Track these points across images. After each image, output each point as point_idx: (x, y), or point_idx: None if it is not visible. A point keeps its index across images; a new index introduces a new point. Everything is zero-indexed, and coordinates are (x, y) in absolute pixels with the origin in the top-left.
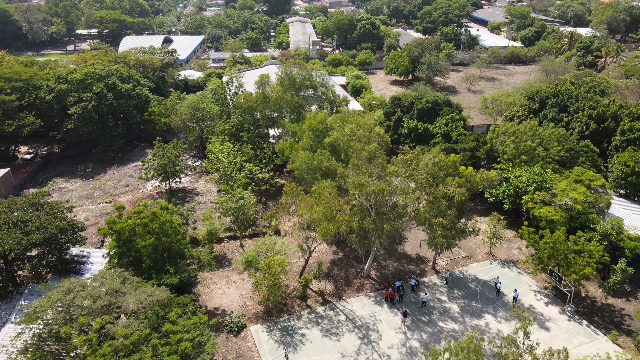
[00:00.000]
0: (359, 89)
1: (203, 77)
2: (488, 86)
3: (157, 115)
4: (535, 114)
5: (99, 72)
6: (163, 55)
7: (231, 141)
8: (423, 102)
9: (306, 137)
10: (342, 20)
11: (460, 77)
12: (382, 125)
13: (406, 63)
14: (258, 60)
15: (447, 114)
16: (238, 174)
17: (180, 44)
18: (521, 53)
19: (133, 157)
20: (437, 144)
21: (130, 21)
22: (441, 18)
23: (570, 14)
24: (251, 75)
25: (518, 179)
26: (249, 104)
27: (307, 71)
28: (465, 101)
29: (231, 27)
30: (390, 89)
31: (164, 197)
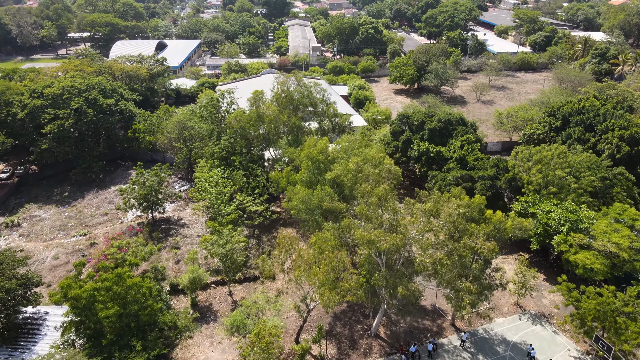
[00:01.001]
0: (362, 100)
1: (196, 86)
2: (499, 96)
3: (141, 133)
4: (558, 133)
5: (78, 85)
6: (152, 64)
7: (221, 166)
8: (435, 121)
9: (304, 167)
10: (344, 24)
11: (468, 85)
12: (389, 145)
13: (412, 72)
14: (255, 68)
15: (462, 134)
16: (227, 207)
17: (174, 49)
18: (532, 60)
19: (115, 179)
20: (452, 169)
21: (123, 25)
22: (447, 22)
23: (580, 17)
24: (246, 86)
25: (547, 215)
26: (240, 124)
27: (305, 87)
28: (476, 113)
29: (228, 31)
30: (395, 98)
31: (145, 230)
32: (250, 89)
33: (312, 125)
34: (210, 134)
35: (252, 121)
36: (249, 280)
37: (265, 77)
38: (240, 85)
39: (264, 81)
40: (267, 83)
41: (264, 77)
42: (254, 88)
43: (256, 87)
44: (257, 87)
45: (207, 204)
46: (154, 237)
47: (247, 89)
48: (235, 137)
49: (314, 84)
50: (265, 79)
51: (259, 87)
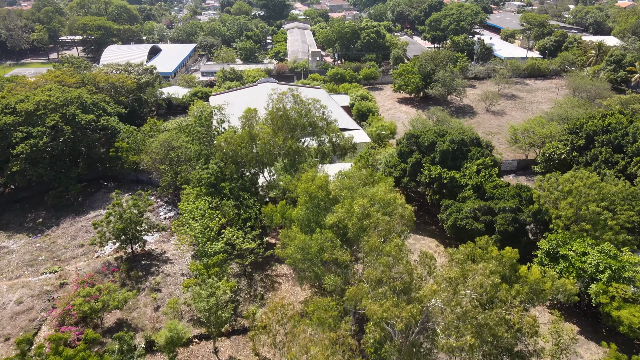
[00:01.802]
0: (365, 112)
1: (189, 95)
2: (509, 106)
3: (124, 152)
4: (581, 153)
5: (55, 100)
6: (140, 73)
7: (209, 194)
8: (447, 142)
9: (302, 202)
10: (344, 29)
11: (476, 94)
12: (395, 168)
13: (417, 80)
14: (251, 76)
15: (477, 156)
16: (214, 245)
17: (168, 53)
18: (542, 66)
19: (95, 203)
20: (468, 199)
21: (116, 28)
22: (452, 26)
23: (589, 20)
24: (241, 97)
25: (582, 258)
26: (231, 147)
27: (303, 105)
28: (486, 125)
29: (225, 35)
30: (399, 108)
31: (122, 268)
32: (246, 100)
33: (311, 143)
34: (198, 156)
35: (244, 143)
36: (237, 333)
37: (262, 87)
38: (235, 95)
39: (260, 91)
40: (263, 94)
41: (260, 87)
42: (250, 99)
43: (252, 98)
44: (252, 98)
45: (192, 240)
46: (132, 276)
47: (242, 100)
48: (225, 161)
49: (313, 100)
50: (262, 89)
51: (255, 97)
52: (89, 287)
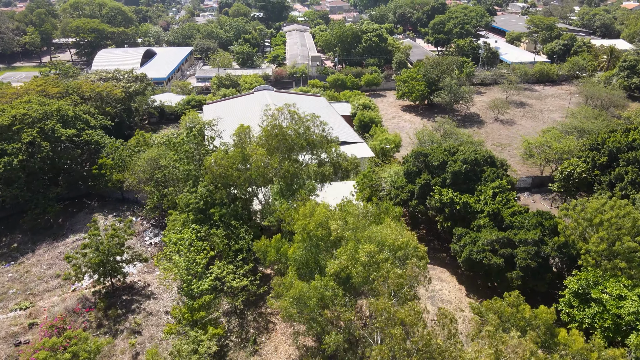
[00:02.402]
0: (367, 123)
1: (182, 104)
2: (518, 114)
3: (108, 169)
4: (603, 171)
5: (33, 113)
6: (130, 81)
7: (197, 221)
8: (458, 162)
9: (299, 240)
10: (345, 32)
11: (483, 101)
12: (402, 190)
13: (422, 87)
14: (247, 82)
15: (492, 178)
16: (201, 284)
17: (163, 57)
18: (551, 71)
19: (76, 225)
20: (483, 228)
21: (110, 31)
22: (456, 29)
23: (597, 22)
24: (237, 106)
25: (618, 303)
26: (221, 170)
27: (301, 122)
28: (495, 136)
29: (222, 38)
30: (403, 117)
31: (100, 305)
32: (241, 109)
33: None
34: (186, 177)
35: (237, 163)
36: None
37: (259, 95)
38: (230, 104)
39: (256, 99)
40: (260, 102)
41: (257, 95)
42: (245, 108)
43: (247, 107)
44: (248, 107)
45: (175, 277)
46: (110, 315)
47: (238, 109)
48: (215, 184)
49: (312, 116)
50: (259, 97)
51: (251, 107)
52: (57, 334)
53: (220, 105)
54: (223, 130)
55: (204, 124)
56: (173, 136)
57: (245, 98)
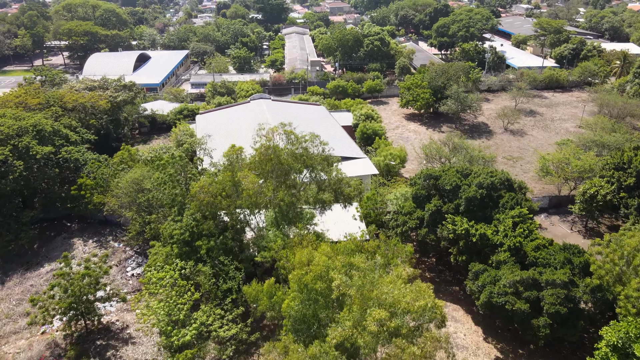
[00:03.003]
0: (370, 135)
1: (174, 113)
2: (529, 124)
3: (88, 190)
4: (631, 193)
5: (5, 129)
6: (118, 90)
7: (182, 252)
8: (473, 187)
9: (295, 290)
10: (346, 36)
11: (491, 109)
12: (410, 216)
13: (427, 95)
14: (244, 90)
15: (511, 205)
16: (184, 333)
17: (157, 61)
18: (561, 77)
19: (53, 252)
20: (504, 263)
21: (103, 34)
22: (461, 32)
23: (605, 25)
24: (232, 117)
25: None
26: (209, 198)
27: (298, 142)
28: (505, 147)
29: (219, 41)
30: (407, 126)
31: (70, 353)
32: (236, 120)
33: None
34: (171, 203)
35: (227, 190)
36: None
37: (255, 104)
38: (225, 115)
39: (252, 109)
40: (256, 113)
41: (253, 104)
42: (240, 119)
43: (242, 118)
44: (243, 118)
45: (154, 325)
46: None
47: (232, 120)
48: (203, 213)
49: (311, 136)
50: (255, 107)
51: (246, 118)
52: None
53: (213, 116)
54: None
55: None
56: (161, 151)
57: (240, 107)
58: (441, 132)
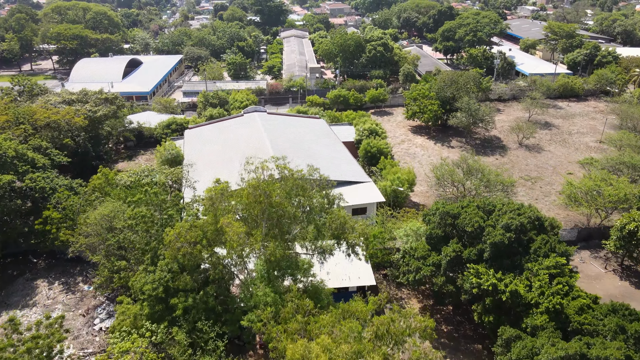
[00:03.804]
0: (374, 154)
1: (161, 127)
2: (545, 138)
3: (54, 225)
4: None
5: None
6: (98, 104)
7: (154, 312)
8: (499, 231)
9: None
10: (347, 41)
11: (502, 120)
12: (424, 261)
13: (435, 107)
14: (238, 100)
15: (544, 251)
16: None
17: (149, 67)
18: (576, 86)
19: (12, 296)
20: (542, 329)
21: (94, 38)
22: (468, 37)
23: (618, 29)
24: (222, 133)
25: None
26: (186, 249)
27: (292, 179)
28: (522, 166)
29: (215, 45)
30: (414, 141)
31: None
32: (227, 138)
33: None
34: (144, 247)
35: (208, 236)
36: None
37: (249, 119)
38: (215, 130)
39: (245, 124)
40: (250, 130)
41: (247, 118)
42: (232, 136)
43: (234, 134)
44: (235, 134)
45: None
46: None
47: (224, 137)
48: (181, 264)
49: (309, 169)
50: (248, 122)
51: (238, 134)
52: None
53: (204, 131)
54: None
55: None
56: (143, 173)
57: (233, 122)
58: (450, 147)
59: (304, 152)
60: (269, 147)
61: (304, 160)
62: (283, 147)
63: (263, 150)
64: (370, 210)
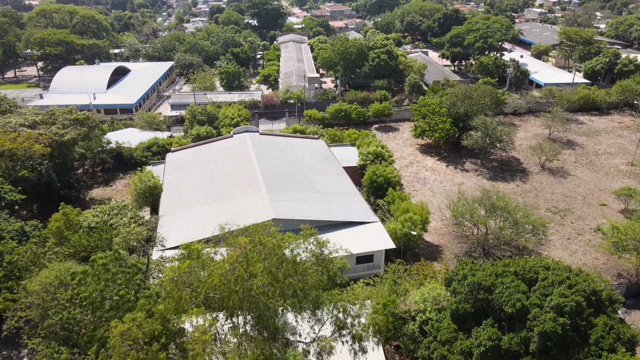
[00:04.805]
0: (381, 185)
1: (142, 148)
2: (569, 159)
3: None
4: None
5: None
6: (67, 125)
7: None
8: (549, 314)
9: None
10: (349, 49)
11: (520, 138)
12: (450, 347)
13: (447, 126)
14: (228, 117)
15: (609, 343)
16: None
17: (137, 76)
18: (598, 98)
19: None
20: None
21: (79, 43)
22: (478, 43)
23: (634, 34)
24: (208, 159)
25: None
26: (135, 355)
27: (282, 260)
28: (547, 194)
29: (208, 51)
30: (423, 162)
31: None
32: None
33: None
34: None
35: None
36: None
37: (239, 141)
38: (201, 156)
39: (235, 148)
40: (239, 157)
41: (237, 140)
42: (218, 164)
43: (221, 162)
44: (222, 162)
45: None
46: None
47: (209, 165)
48: None
49: (303, 232)
50: (238, 146)
51: (226, 161)
52: None
53: (187, 156)
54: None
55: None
56: (113, 212)
57: (221, 145)
58: (464, 170)
59: (300, 185)
60: (260, 180)
61: (301, 194)
62: (276, 179)
63: (253, 184)
64: (377, 259)
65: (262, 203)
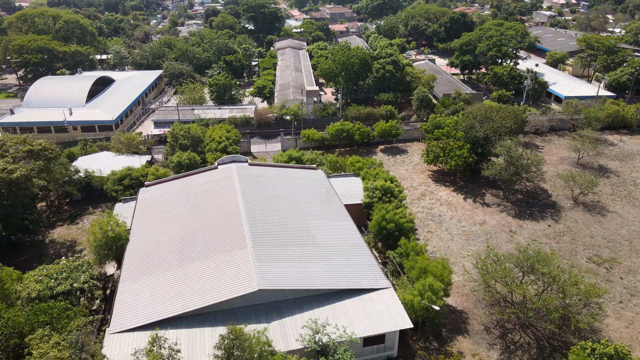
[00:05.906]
0: (392, 233)
1: (115, 179)
2: (604, 191)
3: None
4: None
5: None
6: (19, 159)
7: None
8: None
9: None
10: (351, 59)
11: (547, 164)
12: None
13: (466, 153)
14: (215, 140)
15: None
16: None
17: (121, 87)
18: (629, 115)
19: None
20: None
21: (61, 51)
22: (492, 52)
23: None
24: (187, 197)
25: None
26: None
27: None
28: (585, 238)
29: (200, 58)
30: (436, 194)
31: None
32: (192, 207)
33: None
34: None
35: None
36: None
37: (224, 174)
38: (179, 193)
39: (218, 184)
40: (222, 195)
41: (222, 173)
42: (197, 206)
43: (200, 205)
44: (201, 204)
45: None
46: None
47: (187, 206)
48: None
49: None
50: (222, 180)
51: (206, 203)
52: None
53: (163, 192)
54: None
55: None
56: (62, 275)
57: (203, 178)
58: (485, 204)
59: (295, 235)
60: (246, 231)
61: (296, 250)
62: (266, 228)
63: (238, 236)
64: (390, 339)
65: (247, 266)
